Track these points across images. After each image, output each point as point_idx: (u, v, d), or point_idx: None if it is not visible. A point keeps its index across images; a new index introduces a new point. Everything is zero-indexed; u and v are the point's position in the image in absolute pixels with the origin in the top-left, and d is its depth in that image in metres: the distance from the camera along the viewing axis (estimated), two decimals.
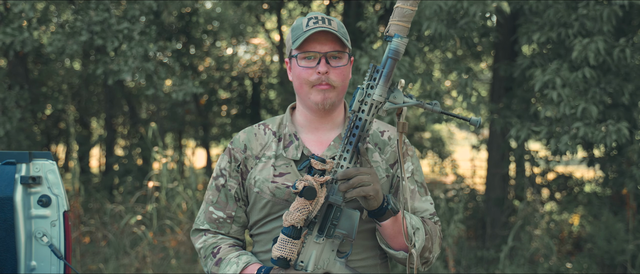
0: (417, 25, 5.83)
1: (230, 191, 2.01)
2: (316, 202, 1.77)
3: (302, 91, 1.94)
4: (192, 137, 13.22)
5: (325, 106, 1.93)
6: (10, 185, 2.45)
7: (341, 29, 1.94)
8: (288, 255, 1.78)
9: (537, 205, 7.37)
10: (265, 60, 12.94)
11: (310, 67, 1.90)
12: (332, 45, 1.91)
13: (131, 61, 6.56)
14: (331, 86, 1.91)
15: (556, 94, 5.27)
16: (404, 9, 1.76)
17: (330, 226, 1.81)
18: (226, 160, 2.04)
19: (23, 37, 6.54)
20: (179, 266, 6.49)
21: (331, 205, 1.80)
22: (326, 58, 1.90)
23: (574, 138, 5.32)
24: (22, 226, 2.47)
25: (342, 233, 1.81)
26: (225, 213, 2.02)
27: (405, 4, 1.76)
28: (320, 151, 1.98)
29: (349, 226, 1.81)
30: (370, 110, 1.78)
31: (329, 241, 1.82)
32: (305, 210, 1.76)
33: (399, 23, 1.76)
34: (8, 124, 7.28)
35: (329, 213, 1.81)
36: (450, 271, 6.39)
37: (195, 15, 10.23)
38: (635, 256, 6.28)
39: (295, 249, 1.79)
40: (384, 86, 1.77)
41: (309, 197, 1.75)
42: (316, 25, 1.90)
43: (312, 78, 1.90)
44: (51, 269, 2.50)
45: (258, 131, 2.04)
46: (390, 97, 1.78)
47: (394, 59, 1.77)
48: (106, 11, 6.66)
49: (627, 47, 5.28)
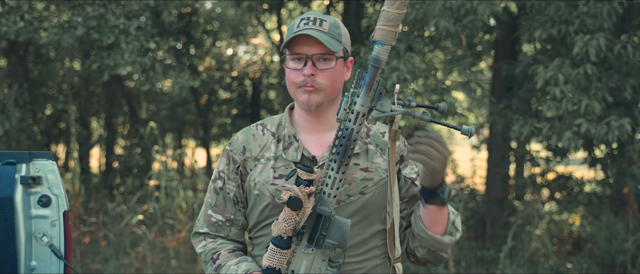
0: (422, 23, 5.84)
1: (228, 194, 2.00)
2: (303, 213, 1.74)
3: (291, 91, 1.94)
4: (192, 137, 13.21)
5: (311, 107, 1.92)
6: (10, 185, 2.44)
7: (334, 29, 1.91)
8: (277, 265, 1.76)
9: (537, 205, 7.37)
10: (265, 60, 12.94)
11: (297, 68, 1.90)
12: (319, 47, 1.89)
13: (127, 55, 6.57)
14: (317, 87, 1.90)
15: (559, 91, 5.29)
16: (389, 13, 1.70)
17: (320, 237, 1.78)
18: (224, 162, 2.02)
19: (17, 27, 6.56)
20: (179, 266, 6.49)
21: (320, 215, 1.77)
22: (312, 60, 1.89)
23: (576, 134, 5.33)
24: (22, 226, 2.46)
25: (332, 243, 1.78)
26: (224, 216, 2.00)
27: (392, 6, 1.69)
28: (320, 152, 1.96)
29: (340, 236, 1.78)
30: (356, 119, 1.74)
31: (320, 252, 1.79)
32: (292, 221, 1.74)
33: (384, 28, 1.70)
34: (7, 123, 7.28)
35: (318, 223, 1.78)
36: (450, 271, 6.38)
37: (195, 15, 10.23)
38: (636, 256, 6.28)
39: (284, 259, 1.77)
40: (366, 95, 1.72)
41: (295, 208, 1.72)
42: (306, 26, 1.88)
43: (298, 80, 1.90)
44: (51, 269, 2.50)
45: (256, 131, 2.03)
46: (377, 105, 1.73)
47: (375, 67, 1.71)
48: (103, 7, 6.67)
49: (628, 43, 5.29)
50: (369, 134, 2.01)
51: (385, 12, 1.70)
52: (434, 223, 1.88)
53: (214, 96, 12.00)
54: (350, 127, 1.74)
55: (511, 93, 7.03)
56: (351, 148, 1.75)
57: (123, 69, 6.69)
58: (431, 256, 1.95)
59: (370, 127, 2.03)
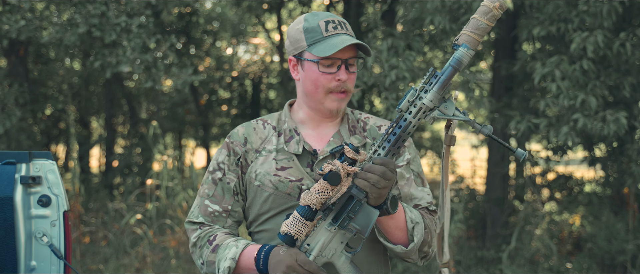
0: (420, 21, 5.84)
1: (229, 184, 2.00)
2: (338, 190, 1.74)
3: (316, 96, 1.93)
4: (192, 137, 13.21)
5: (340, 113, 1.97)
6: (10, 185, 2.44)
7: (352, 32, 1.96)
8: (296, 234, 1.75)
9: (538, 205, 7.37)
10: (265, 60, 12.93)
11: (330, 73, 1.90)
12: (352, 51, 1.91)
13: (129, 52, 6.57)
14: (347, 92, 1.93)
15: (555, 86, 5.29)
16: (480, 22, 1.74)
17: (346, 218, 1.78)
18: (224, 154, 2.02)
19: (19, 25, 6.56)
20: (179, 266, 6.49)
21: (352, 197, 1.77)
22: (346, 65, 1.91)
23: (573, 129, 5.33)
24: (22, 226, 2.46)
25: (355, 227, 1.78)
26: (221, 207, 1.99)
27: (483, 17, 1.74)
28: (321, 147, 1.98)
29: (365, 223, 1.77)
30: (417, 113, 1.75)
31: (341, 232, 1.79)
32: (325, 194, 1.73)
33: (471, 34, 1.74)
34: (7, 122, 7.28)
35: (348, 204, 1.77)
36: (450, 271, 6.39)
37: (195, 15, 10.22)
38: (636, 256, 6.28)
39: (304, 231, 1.76)
40: (437, 92, 1.75)
41: (333, 182, 1.72)
42: (336, 30, 1.90)
43: (332, 85, 1.91)
44: (51, 269, 2.50)
45: (257, 125, 2.04)
46: (441, 107, 1.76)
47: (454, 68, 1.74)
48: (104, 5, 6.67)
49: (627, 41, 5.29)
50: (366, 128, 2.02)
51: (476, 20, 1.75)
52: (388, 231, 1.87)
53: (214, 95, 12.00)
54: (409, 119, 1.75)
55: (511, 92, 7.03)
56: (402, 140, 1.76)
57: (125, 66, 6.70)
58: (400, 257, 1.94)
59: (367, 121, 2.04)
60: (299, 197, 1.91)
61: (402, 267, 6.27)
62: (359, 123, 2.04)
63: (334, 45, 1.87)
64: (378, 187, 1.73)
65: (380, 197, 1.76)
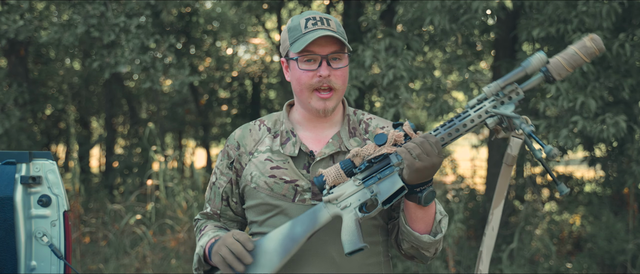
0: (419, 21, 5.84)
1: (218, 189, 2.04)
2: (379, 150, 1.78)
3: (302, 95, 1.91)
4: (192, 137, 13.22)
5: (327, 113, 1.92)
6: (10, 185, 2.44)
7: (339, 28, 1.91)
8: (329, 180, 1.79)
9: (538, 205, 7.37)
10: (265, 60, 12.93)
11: (311, 70, 1.88)
12: (332, 47, 1.88)
13: (128, 53, 6.58)
14: (333, 89, 1.89)
15: (554, 88, 5.29)
16: (576, 55, 1.75)
17: (372, 177, 1.79)
18: (220, 158, 2.07)
19: (17, 25, 6.57)
20: (179, 266, 6.49)
21: (389, 163, 1.79)
22: (327, 60, 1.88)
23: (572, 132, 5.33)
24: (22, 226, 2.46)
25: (376, 189, 1.79)
26: (212, 210, 2.07)
27: (581, 51, 1.74)
28: (318, 148, 1.96)
29: (387, 189, 1.78)
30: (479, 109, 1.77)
31: (363, 191, 1.80)
32: (366, 151, 1.79)
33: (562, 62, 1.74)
34: (7, 122, 7.28)
35: (381, 167, 1.79)
36: (450, 271, 6.38)
37: (195, 15, 10.22)
38: (636, 256, 6.28)
39: (338, 181, 1.79)
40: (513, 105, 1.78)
41: (378, 142, 1.78)
42: (315, 26, 1.87)
43: (314, 81, 1.88)
44: (51, 269, 2.50)
45: (253, 126, 2.05)
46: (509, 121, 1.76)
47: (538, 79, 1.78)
48: (103, 5, 6.67)
49: (626, 42, 5.29)
50: (368, 129, 2.01)
51: (573, 52, 1.75)
52: (413, 219, 1.86)
53: (214, 95, 12.00)
54: (470, 113, 1.78)
55: None
56: (457, 130, 1.77)
57: (123, 66, 6.70)
58: (415, 252, 1.92)
59: (369, 123, 2.02)
60: (294, 198, 1.90)
61: (402, 267, 6.27)
62: (361, 125, 2.02)
63: (306, 40, 1.85)
64: (413, 156, 1.72)
65: (414, 171, 1.73)
